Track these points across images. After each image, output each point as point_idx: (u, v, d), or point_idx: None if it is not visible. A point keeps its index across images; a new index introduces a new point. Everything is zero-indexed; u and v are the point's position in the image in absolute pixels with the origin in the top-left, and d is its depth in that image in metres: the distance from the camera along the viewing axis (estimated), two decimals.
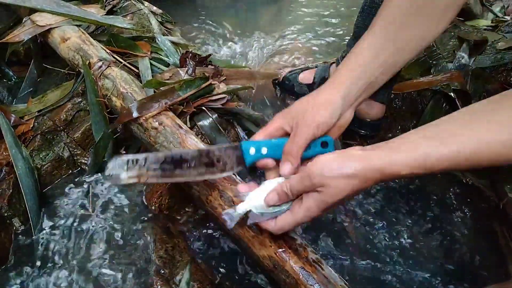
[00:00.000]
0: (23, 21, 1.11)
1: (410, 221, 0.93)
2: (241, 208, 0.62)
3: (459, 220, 0.93)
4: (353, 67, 0.65)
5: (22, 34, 1.07)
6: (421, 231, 0.92)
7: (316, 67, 1.08)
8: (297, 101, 0.65)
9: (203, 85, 0.94)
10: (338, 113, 0.64)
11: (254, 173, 0.97)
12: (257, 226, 0.66)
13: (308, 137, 0.62)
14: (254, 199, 0.62)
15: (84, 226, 0.91)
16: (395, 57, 0.65)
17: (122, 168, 0.63)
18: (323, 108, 0.62)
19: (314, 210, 0.58)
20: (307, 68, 1.09)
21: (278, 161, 0.65)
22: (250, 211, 0.62)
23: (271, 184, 0.63)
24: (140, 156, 0.63)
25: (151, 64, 1.06)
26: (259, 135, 0.66)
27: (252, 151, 0.64)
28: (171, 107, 0.91)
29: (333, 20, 1.55)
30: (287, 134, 0.65)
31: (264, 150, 0.64)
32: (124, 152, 1.04)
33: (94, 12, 1.17)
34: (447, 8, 0.62)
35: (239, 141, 0.66)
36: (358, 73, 0.64)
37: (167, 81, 0.98)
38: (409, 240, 0.90)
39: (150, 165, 0.63)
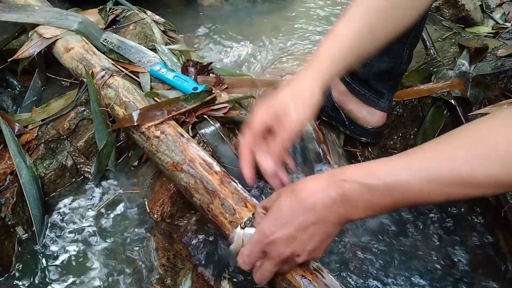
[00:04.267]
0: (30, 35, 1.12)
1: (410, 227, 0.93)
2: (232, 249, 0.65)
3: (460, 226, 0.93)
4: (332, 56, 0.62)
5: (31, 48, 1.09)
6: (421, 238, 0.92)
7: None
8: (278, 93, 0.63)
9: (208, 98, 0.95)
10: (318, 104, 0.62)
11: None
12: None
13: (293, 136, 0.60)
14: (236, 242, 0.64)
15: (87, 234, 0.92)
16: (371, 46, 0.63)
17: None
18: (305, 104, 0.60)
19: (261, 226, 0.56)
20: None
21: None
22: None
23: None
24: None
25: None
26: (247, 134, 0.64)
27: None
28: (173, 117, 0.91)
29: None
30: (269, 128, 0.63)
31: None
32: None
33: (94, 22, 1.18)
34: None
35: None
36: (336, 62, 0.62)
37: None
38: (409, 247, 0.89)
39: None
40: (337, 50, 0.62)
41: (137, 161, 1.04)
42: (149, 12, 1.35)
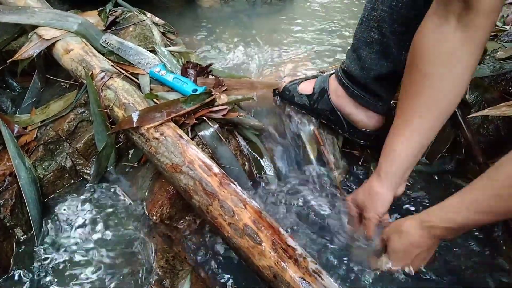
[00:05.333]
0: (29, 36, 1.13)
1: None
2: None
3: None
4: (394, 170, 0.78)
5: (30, 49, 1.09)
6: None
7: (315, 77, 1.08)
8: (358, 194, 0.85)
9: (207, 100, 0.95)
10: (389, 201, 0.81)
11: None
12: None
13: (376, 222, 0.81)
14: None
15: (85, 236, 0.92)
16: (430, 137, 0.76)
17: None
18: (381, 207, 0.80)
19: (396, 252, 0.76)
20: (307, 79, 1.10)
21: None
22: None
23: None
24: None
25: None
26: (351, 220, 0.89)
27: None
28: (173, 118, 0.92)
29: (333, 30, 1.57)
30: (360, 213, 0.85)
31: None
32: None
33: (93, 23, 1.18)
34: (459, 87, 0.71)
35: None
36: (402, 171, 0.79)
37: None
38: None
39: None
40: (401, 164, 0.78)
41: (137, 163, 1.04)
42: (148, 14, 1.35)
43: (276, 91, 1.13)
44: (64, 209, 0.97)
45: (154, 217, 0.92)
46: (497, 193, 0.61)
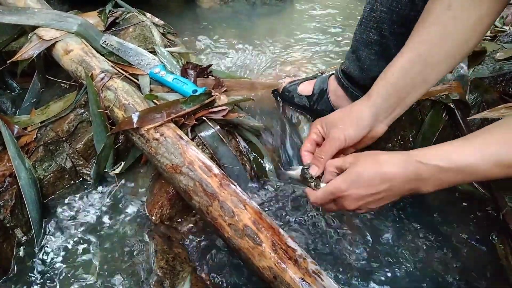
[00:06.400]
0: (29, 37, 1.12)
1: (409, 232, 0.94)
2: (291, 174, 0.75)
3: (458, 230, 0.93)
4: (384, 85, 0.69)
5: (30, 50, 1.09)
6: (420, 242, 0.92)
7: (315, 78, 1.09)
8: (333, 112, 0.74)
9: (207, 100, 0.96)
10: (367, 129, 0.70)
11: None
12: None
13: (335, 148, 0.70)
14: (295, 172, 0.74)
15: (85, 237, 0.92)
16: (425, 75, 0.67)
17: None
18: (352, 125, 0.70)
19: (339, 182, 0.63)
20: (307, 79, 1.10)
21: None
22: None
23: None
24: None
25: None
26: (306, 143, 0.75)
27: None
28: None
29: (333, 32, 1.57)
30: (323, 138, 0.74)
31: None
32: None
33: (93, 24, 1.18)
34: (475, 27, 0.63)
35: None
36: (388, 91, 0.69)
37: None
38: (408, 252, 0.90)
39: None
40: (387, 81, 0.69)
41: (135, 163, 1.04)
42: (148, 15, 1.35)
43: (276, 92, 1.13)
44: (64, 210, 0.97)
45: (154, 218, 0.92)
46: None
